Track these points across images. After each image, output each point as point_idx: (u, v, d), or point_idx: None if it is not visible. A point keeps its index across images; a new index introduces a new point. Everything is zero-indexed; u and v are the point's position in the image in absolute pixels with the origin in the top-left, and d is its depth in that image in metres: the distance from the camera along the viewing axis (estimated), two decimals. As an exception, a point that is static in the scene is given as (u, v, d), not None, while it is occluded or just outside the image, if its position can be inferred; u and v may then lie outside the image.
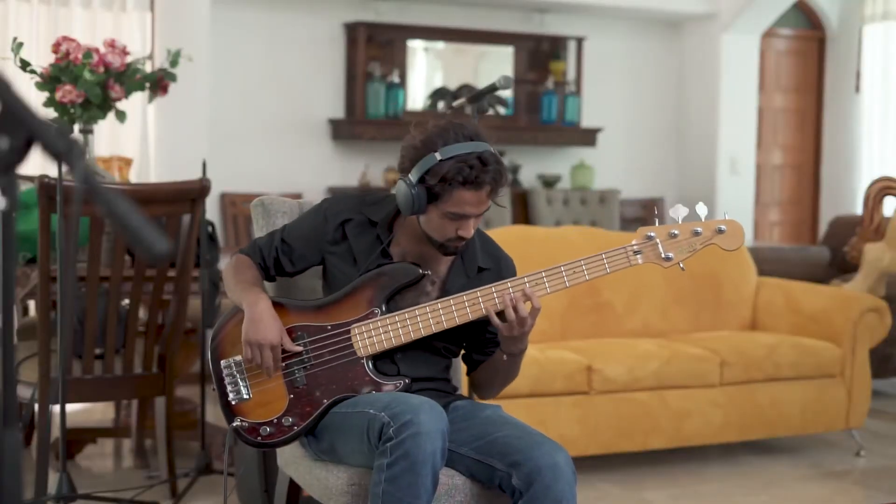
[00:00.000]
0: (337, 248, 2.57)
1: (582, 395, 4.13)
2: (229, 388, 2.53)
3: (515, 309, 2.42)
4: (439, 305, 2.46)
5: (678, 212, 2.44)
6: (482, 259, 2.60)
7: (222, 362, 2.55)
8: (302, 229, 2.61)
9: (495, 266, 2.62)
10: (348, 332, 2.51)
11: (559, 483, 2.31)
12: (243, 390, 2.53)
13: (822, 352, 4.55)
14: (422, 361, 2.55)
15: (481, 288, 2.47)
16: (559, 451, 2.35)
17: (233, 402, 2.53)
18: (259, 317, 2.47)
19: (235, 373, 2.54)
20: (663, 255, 2.44)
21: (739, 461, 4.56)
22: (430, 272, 2.54)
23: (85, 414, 5.06)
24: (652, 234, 2.44)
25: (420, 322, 2.47)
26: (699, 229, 2.45)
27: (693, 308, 4.78)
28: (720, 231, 2.47)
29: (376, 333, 2.49)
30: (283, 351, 2.50)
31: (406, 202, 2.43)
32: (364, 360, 2.50)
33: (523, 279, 2.46)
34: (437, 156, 2.39)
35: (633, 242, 2.45)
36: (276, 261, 2.61)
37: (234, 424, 2.51)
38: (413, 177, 2.42)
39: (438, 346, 2.56)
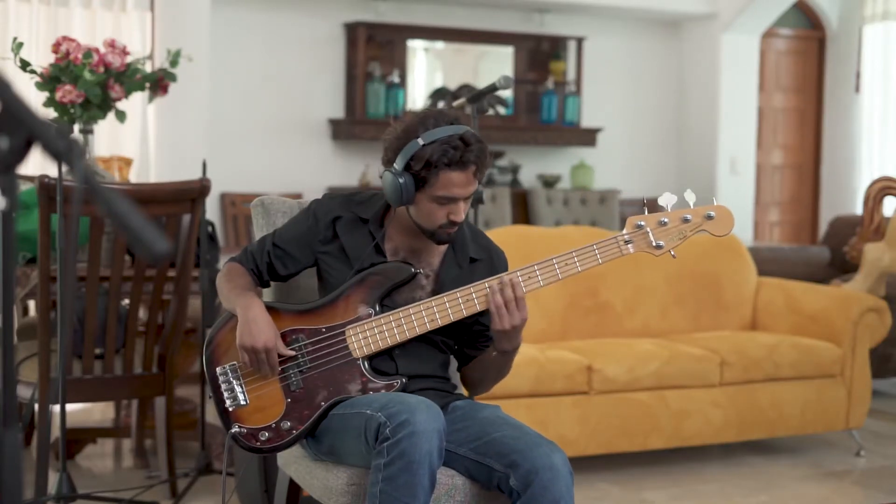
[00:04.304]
0: (329, 248, 2.58)
1: (582, 395, 4.13)
2: (226, 394, 2.52)
3: (504, 296, 2.41)
4: (433, 303, 2.47)
5: (667, 200, 2.44)
6: (473, 250, 2.61)
7: (218, 369, 2.54)
8: (293, 232, 2.61)
9: (487, 257, 2.63)
10: (343, 333, 2.51)
11: (556, 484, 2.31)
12: (240, 396, 2.52)
13: (822, 352, 4.55)
14: (420, 357, 2.56)
15: (474, 284, 2.47)
16: (556, 452, 2.35)
17: (230, 409, 2.52)
18: (253, 320, 2.47)
19: (231, 379, 2.53)
20: (654, 244, 2.45)
21: (739, 461, 4.56)
22: (422, 270, 2.55)
23: (85, 414, 5.06)
24: (642, 223, 2.46)
25: (414, 320, 2.47)
26: (688, 216, 2.47)
27: (693, 308, 4.78)
28: (709, 217, 2.47)
29: (371, 334, 2.49)
30: (279, 355, 2.50)
31: (394, 192, 2.45)
32: (360, 361, 2.50)
33: (515, 273, 2.46)
34: (420, 141, 2.42)
35: (624, 232, 2.46)
36: (269, 265, 2.61)
37: (233, 431, 2.50)
38: (398, 165, 2.44)
39: (436, 339, 2.56)
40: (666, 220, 2.45)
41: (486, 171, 2.49)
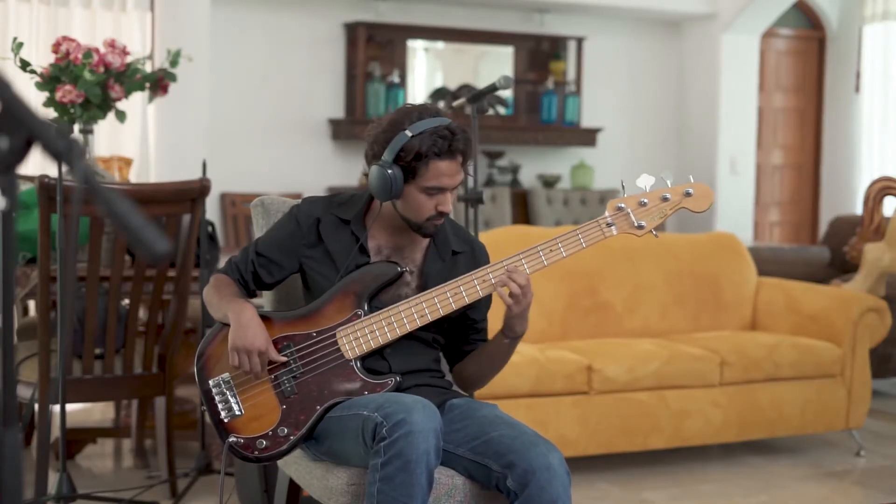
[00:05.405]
0: (314, 252, 2.59)
1: (582, 395, 4.13)
2: (220, 405, 2.52)
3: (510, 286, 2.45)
4: (422, 299, 2.48)
5: (645, 181, 2.48)
6: (455, 243, 2.64)
7: (210, 381, 2.55)
8: (276, 238, 2.62)
9: (469, 250, 2.66)
10: (334, 336, 2.52)
11: (553, 484, 2.31)
12: (234, 406, 2.52)
13: (822, 352, 4.55)
14: (411, 353, 2.57)
15: (461, 277, 2.49)
16: (553, 452, 2.35)
17: (225, 420, 2.52)
18: (246, 324, 2.48)
19: (225, 390, 2.53)
20: (636, 224, 2.48)
21: (739, 461, 4.56)
22: (408, 268, 2.57)
23: (85, 414, 5.06)
24: (622, 205, 2.49)
25: (404, 317, 2.49)
26: (668, 195, 2.50)
27: (693, 308, 4.78)
28: (688, 194, 2.51)
29: (362, 334, 2.50)
30: (270, 362, 2.50)
31: (383, 185, 2.46)
32: (353, 362, 2.51)
33: (501, 263, 2.48)
34: (408, 133, 2.45)
35: (606, 214, 2.49)
36: (255, 274, 2.62)
37: (230, 440, 2.50)
38: (387, 157, 2.46)
39: (426, 336, 2.58)
40: (646, 200, 2.48)
41: (471, 161, 2.53)
